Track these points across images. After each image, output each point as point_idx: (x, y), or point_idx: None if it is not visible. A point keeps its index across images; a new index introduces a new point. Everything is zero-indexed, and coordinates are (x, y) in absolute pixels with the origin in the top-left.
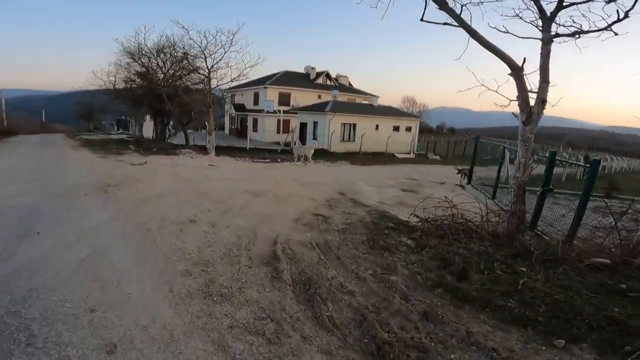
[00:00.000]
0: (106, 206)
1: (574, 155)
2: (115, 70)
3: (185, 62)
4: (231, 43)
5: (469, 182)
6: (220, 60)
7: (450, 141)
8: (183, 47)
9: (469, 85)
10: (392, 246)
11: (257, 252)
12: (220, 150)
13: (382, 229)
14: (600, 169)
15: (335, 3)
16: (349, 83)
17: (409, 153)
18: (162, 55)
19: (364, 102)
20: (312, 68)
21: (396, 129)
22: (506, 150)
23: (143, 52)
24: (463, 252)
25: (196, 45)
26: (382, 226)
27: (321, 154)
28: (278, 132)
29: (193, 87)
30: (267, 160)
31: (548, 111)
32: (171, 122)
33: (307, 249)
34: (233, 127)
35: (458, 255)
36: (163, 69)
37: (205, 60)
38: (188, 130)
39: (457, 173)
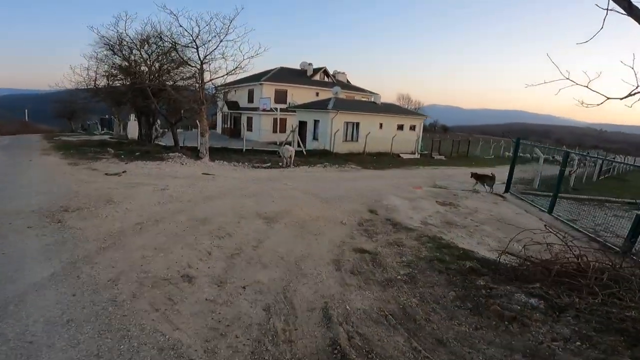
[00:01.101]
0: (52, 250)
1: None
2: (97, 65)
3: (174, 53)
4: (227, 30)
5: (506, 191)
6: (214, 49)
7: (454, 140)
8: (171, 37)
9: (461, 83)
10: (512, 312)
11: (305, 343)
12: (214, 153)
13: (464, 274)
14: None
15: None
16: (347, 80)
17: (414, 153)
18: (146, 47)
19: (363, 99)
20: (309, 64)
21: (400, 127)
22: (536, 149)
23: (124, 43)
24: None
25: (187, 34)
26: (461, 268)
27: (324, 156)
28: (274, 131)
29: (183, 82)
30: (267, 165)
31: (538, 109)
32: (158, 122)
33: (382, 328)
34: (226, 126)
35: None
36: (148, 61)
37: (197, 51)
38: (177, 130)
39: (472, 177)
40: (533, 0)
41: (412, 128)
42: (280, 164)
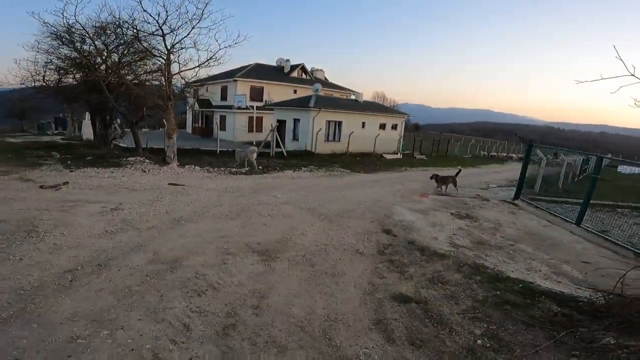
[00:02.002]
0: None
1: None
2: (47, 58)
3: (137, 44)
4: (202, 16)
5: (516, 197)
6: (185, 37)
7: (434, 140)
8: (133, 24)
9: (433, 80)
10: None
11: None
12: (184, 155)
13: (562, 325)
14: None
15: None
16: (325, 77)
17: (397, 153)
18: (103, 37)
19: (342, 97)
20: (286, 61)
21: (382, 126)
22: (535, 150)
23: (74, 31)
24: None
25: (152, 19)
26: (547, 315)
27: (305, 157)
28: (250, 130)
29: (147, 75)
30: (247, 170)
31: (502, 108)
32: (118, 120)
33: None
34: (197, 125)
35: None
36: (104, 53)
37: (164, 39)
38: (142, 130)
39: (433, 179)
40: (496, 2)
41: (394, 127)
42: (234, 168)
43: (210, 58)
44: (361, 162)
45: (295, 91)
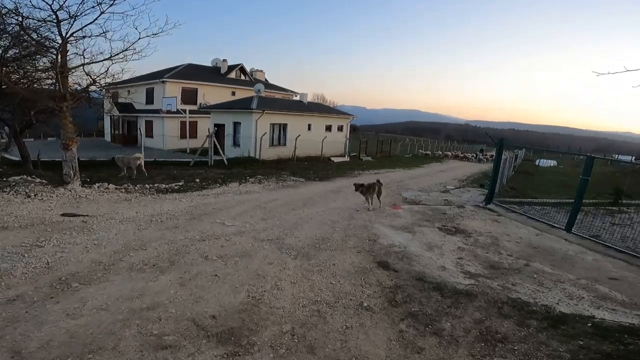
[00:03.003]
0: None
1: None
2: None
3: (23, 35)
4: None
5: (488, 201)
6: (91, 23)
7: (378, 140)
8: (17, 10)
9: (366, 81)
10: None
11: None
12: (97, 169)
13: None
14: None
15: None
16: (266, 79)
17: (344, 155)
18: None
19: (280, 98)
20: (222, 61)
21: (328, 128)
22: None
23: None
24: None
25: (43, 3)
26: None
27: (249, 165)
28: (183, 136)
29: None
30: (180, 185)
31: (428, 108)
32: (6, 128)
33: None
34: (117, 132)
35: None
36: None
37: (59, 26)
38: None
39: (358, 190)
40: (419, 8)
41: (340, 129)
42: (122, 175)
43: (127, 49)
44: (311, 168)
45: (233, 93)
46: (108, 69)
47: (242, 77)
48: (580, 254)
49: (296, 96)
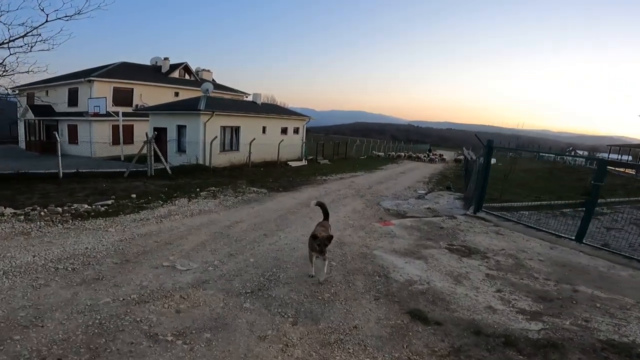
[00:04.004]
0: None
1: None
2: None
3: None
4: None
5: (478, 209)
6: None
7: (334, 142)
8: None
9: (315, 84)
10: None
11: None
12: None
13: None
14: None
15: None
16: (213, 79)
17: (301, 159)
18: None
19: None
20: (164, 59)
21: (284, 131)
22: (465, 150)
23: None
24: None
25: None
26: None
27: (198, 174)
28: (116, 142)
29: None
30: (111, 203)
31: (373, 109)
32: None
33: None
34: (33, 138)
35: None
36: None
37: None
38: None
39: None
40: (361, 14)
41: (296, 131)
42: None
43: (27, 34)
44: (269, 175)
45: (177, 94)
46: (3, 61)
47: (187, 77)
48: (611, 269)
49: (247, 97)
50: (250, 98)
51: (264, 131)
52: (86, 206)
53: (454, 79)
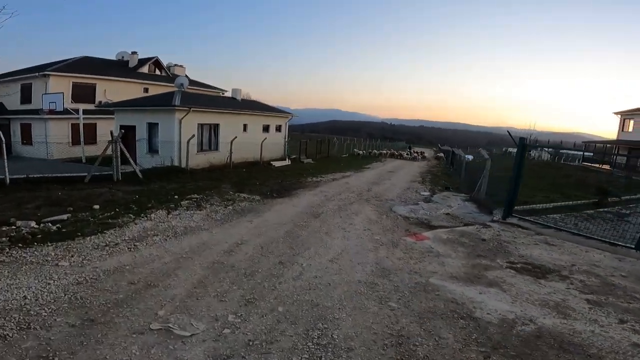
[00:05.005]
0: None
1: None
2: None
3: None
4: None
5: (507, 214)
6: None
7: (317, 141)
8: None
9: (290, 81)
10: None
11: None
12: None
13: None
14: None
15: None
16: (186, 75)
17: (284, 159)
18: None
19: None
20: (131, 54)
21: (266, 129)
22: (482, 151)
23: None
24: None
25: None
26: None
27: (174, 176)
28: (76, 143)
29: None
30: (65, 219)
31: (348, 107)
32: None
33: None
34: None
35: None
36: None
37: None
38: None
39: None
40: (337, 13)
41: (278, 129)
42: None
43: None
44: (254, 176)
45: (146, 90)
46: None
47: (158, 72)
48: None
49: (224, 94)
50: (231, 93)
51: (245, 129)
52: (33, 225)
53: (422, 77)
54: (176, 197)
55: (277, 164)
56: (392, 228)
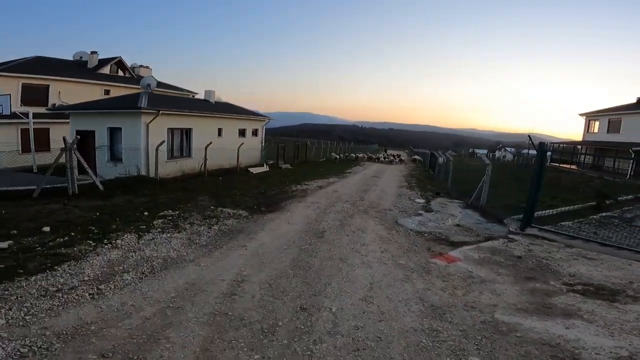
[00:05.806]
0: None
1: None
2: None
3: None
4: None
5: (526, 224)
6: None
7: (295, 145)
8: None
9: (261, 85)
10: None
11: None
12: None
13: None
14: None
15: None
16: (152, 76)
17: (262, 164)
18: None
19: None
20: (90, 53)
21: (242, 133)
22: (481, 155)
23: None
24: None
25: None
26: None
27: (140, 187)
28: (26, 150)
29: None
30: (8, 243)
31: (319, 110)
32: None
33: None
34: None
35: None
36: None
37: None
38: None
39: None
40: (313, 15)
41: (255, 133)
42: None
43: None
44: (234, 186)
45: (107, 92)
46: None
47: (121, 73)
48: None
49: (194, 96)
50: (204, 95)
51: (220, 134)
52: None
53: (390, 80)
54: (146, 214)
55: (254, 170)
56: (410, 247)
